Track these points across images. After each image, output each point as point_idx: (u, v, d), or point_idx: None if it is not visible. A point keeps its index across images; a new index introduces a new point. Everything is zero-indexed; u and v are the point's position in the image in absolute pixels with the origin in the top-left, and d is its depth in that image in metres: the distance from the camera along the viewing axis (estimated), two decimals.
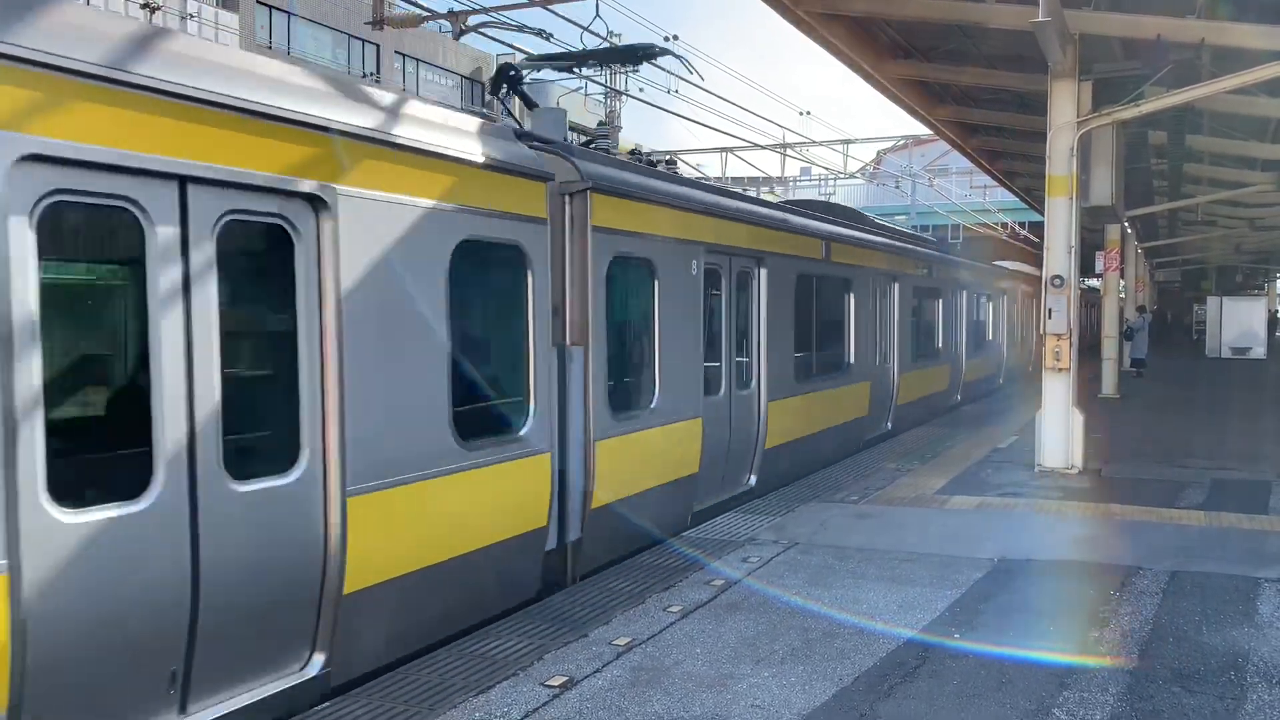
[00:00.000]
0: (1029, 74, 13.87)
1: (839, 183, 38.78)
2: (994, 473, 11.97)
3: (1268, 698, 5.26)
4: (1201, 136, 18.23)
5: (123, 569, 4.42)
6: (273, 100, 5.12)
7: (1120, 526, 9.14)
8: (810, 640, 6.11)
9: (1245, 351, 36.68)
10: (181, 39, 5.05)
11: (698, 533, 8.84)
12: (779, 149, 29.36)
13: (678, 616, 6.55)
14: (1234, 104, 14.78)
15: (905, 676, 5.55)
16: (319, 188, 5.35)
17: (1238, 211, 28.87)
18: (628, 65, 19.60)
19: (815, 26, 12.99)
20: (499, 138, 7.04)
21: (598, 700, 5.23)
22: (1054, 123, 11.99)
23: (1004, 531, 8.91)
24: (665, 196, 9.05)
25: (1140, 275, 32.68)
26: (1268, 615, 6.58)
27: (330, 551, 5.42)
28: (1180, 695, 5.29)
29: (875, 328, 15.50)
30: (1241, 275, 58.74)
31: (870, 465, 12.41)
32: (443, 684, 5.45)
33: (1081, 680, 5.50)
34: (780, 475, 11.49)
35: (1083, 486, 11.10)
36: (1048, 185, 12.11)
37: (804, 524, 9.15)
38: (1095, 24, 11.69)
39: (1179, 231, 34.17)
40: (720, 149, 30.06)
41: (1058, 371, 12.01)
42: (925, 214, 41.49)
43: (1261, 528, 9.07)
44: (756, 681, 5.48)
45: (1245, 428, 16.36)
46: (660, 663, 5.75)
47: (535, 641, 6.08)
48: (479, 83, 51.70)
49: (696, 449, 9.44)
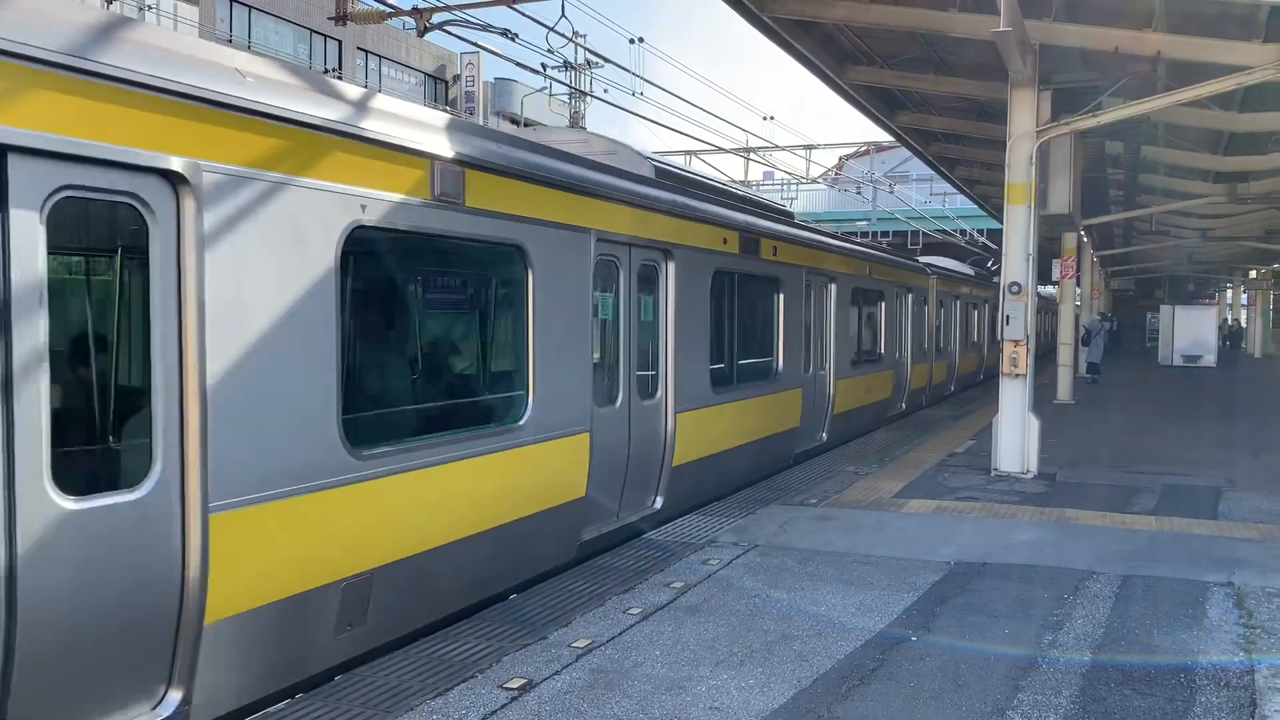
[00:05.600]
0: (989, 83, 14.05)
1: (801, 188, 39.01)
2: (950, 477, 12.09)
3: (1216, 700, 5.36)
4: (1157, 148, 18.56)
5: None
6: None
7: (1074, 531, 9.27)
8: (769, 642, 6.13)
9: (1196, 359, 37.37)
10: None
11: (658, 534, 8.84)
12: (742, 153, 29.47)
13: (637, 618, 6.54)
14: (1188, 116, 15.06)
15: (863, 679, 5.59)
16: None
17: (1190, 222, 29.44)
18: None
19: (780, 31, 13.06)
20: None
21: (556, 703, 5.21)
22: (1013, 131, 12.15)
23: (960, 535, 9.00)
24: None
25: (1096, 283, 33.17)
26: (1216, 619, 6.70)
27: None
28: (1131, 697, 5.37)
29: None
30: (1194, 285, 59.83)
31: (829, 468, 12.49)
32: (400, 686, 5.41)
33: (1036, 682, 5.56)
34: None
35: (1038, 491, 11.24)
36: (1007, 193, 12.25)
37: (764, 526, 9.18)
38: (1055, 35, 11.86)
39: (1134, 241, 34.77)
40: (685, 152, 30.12)
41: (1014, 377, 12.16)
42: (886, 219, 41.87)
43: (1210, 532, 9.23)
44: (716, 684, 5.49)
45: (1196, 434, 16.66)
46: (619, 665, 5.74)
47: (493, 644, 6.05)
48: (443, 81, 51.44)
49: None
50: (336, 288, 5.66)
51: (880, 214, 40.75)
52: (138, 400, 4.68)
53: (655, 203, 9.41)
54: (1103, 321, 29.42)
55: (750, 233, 11.65)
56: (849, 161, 46.17)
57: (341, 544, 5.69)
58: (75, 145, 4.25)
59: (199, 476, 4.77)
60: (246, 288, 5.08)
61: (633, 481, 9.05)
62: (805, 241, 13.81)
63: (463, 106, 49.12)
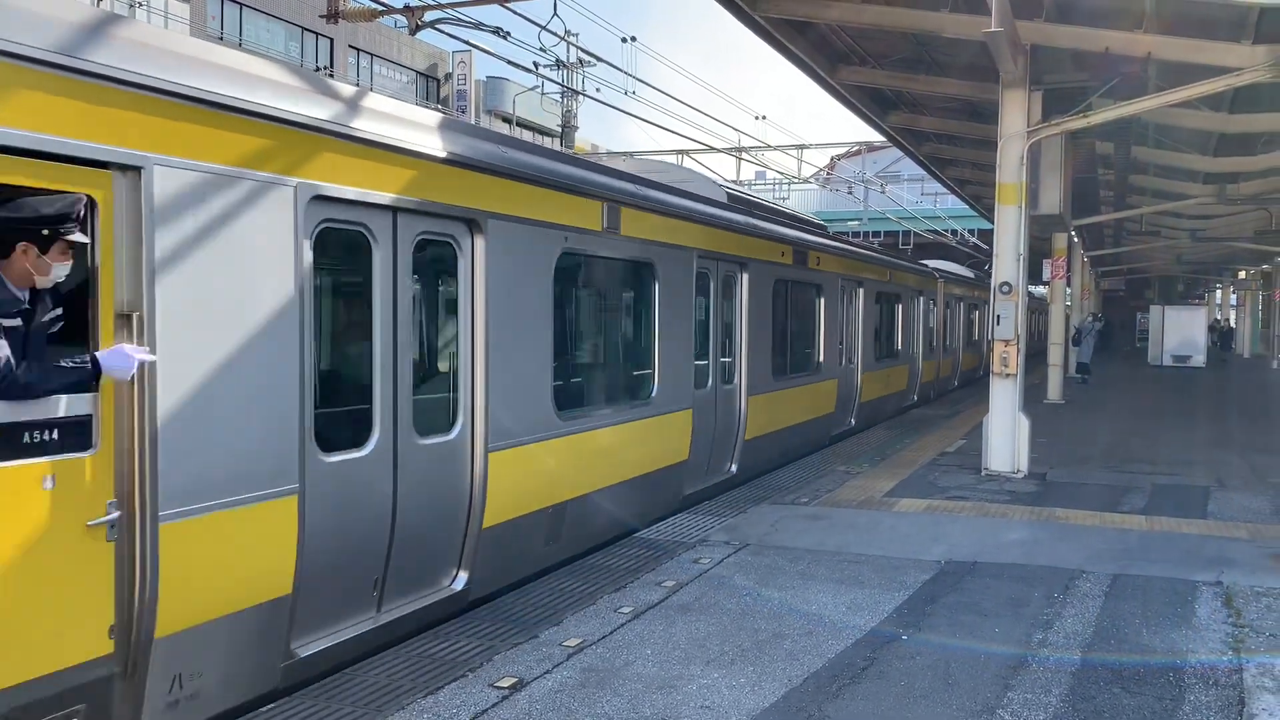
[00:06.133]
0: (981, 83, 14.07)
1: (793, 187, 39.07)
2: (941, 476, 12.12)
3: (1204, 698, 5.38)
4: (1147, 148, 18.63)
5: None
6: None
7: (1064, 530, 9.30)
8: (760, 641, 6.14)
9: (1186, 360, 37.50)
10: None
11: (649, 533, 8.84)
12: (734, 153, 29.49)
13: (629, 617, 6.54)
14: (1178, 117, 15.12)
15: (854, 677, 5.60)
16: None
17: (1180, 223, 29.56)
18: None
19: (772, 31, 13.07)
20: None
21: (547, 701, 5.21)
22: (1005, 132, 12.17)
23: (951, 534, 9.02)
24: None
25: (1086, 283, 33.29)
26: (1205, 618, 6.73)
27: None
28: (1121, 696, 5.39)
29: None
30: (1183, 285, 60.08)
31: (821, 467, 12.50)
32: (391, 685, 5.40)
33: (1026, 681, 5.58)
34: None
35: (1028, 490, 11.27)
36: (998, 193, 12.28)
37: (755, 525, 9.19)
38: (1046, 35, 11.89)
39: (1124, 241, 34.87)
40: (677, 151, 30.12)
41: (1005, 377, 12.19)
42: (877, 219, 41.94)
43: (1200, 532, 9.27)
44: (706, 682, 5.49)
45: (1185, 434, 16.73)
46: (610, 664, 5.74)
47: (485, 643, 6.04)
48: (434, 79, 51.36)
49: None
50: (552, 296, 7.68)
51: (872, 214, 40.82)
52: (453, 380, 6.79)
53: (735, 224, 11.34)
54: (1093, 322, 29.53)
55: (800, 246, 13.48)
56: (841, 161, 46.26)
57: (551, 480, 7.78)
58: (427, 205, 6.28)
59: (483, 428, 6.80)
60: (507, 298, 7.06)
61: (717, 450, 10.93)
62: (839, 252, 15.77)
63: (454, 105, 49.06)
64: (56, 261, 4.19)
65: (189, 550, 4.71)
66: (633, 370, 9.55)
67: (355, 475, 5.79)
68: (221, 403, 4.89)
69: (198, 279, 4.76)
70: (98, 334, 4.37)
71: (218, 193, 4.86)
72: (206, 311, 4.83)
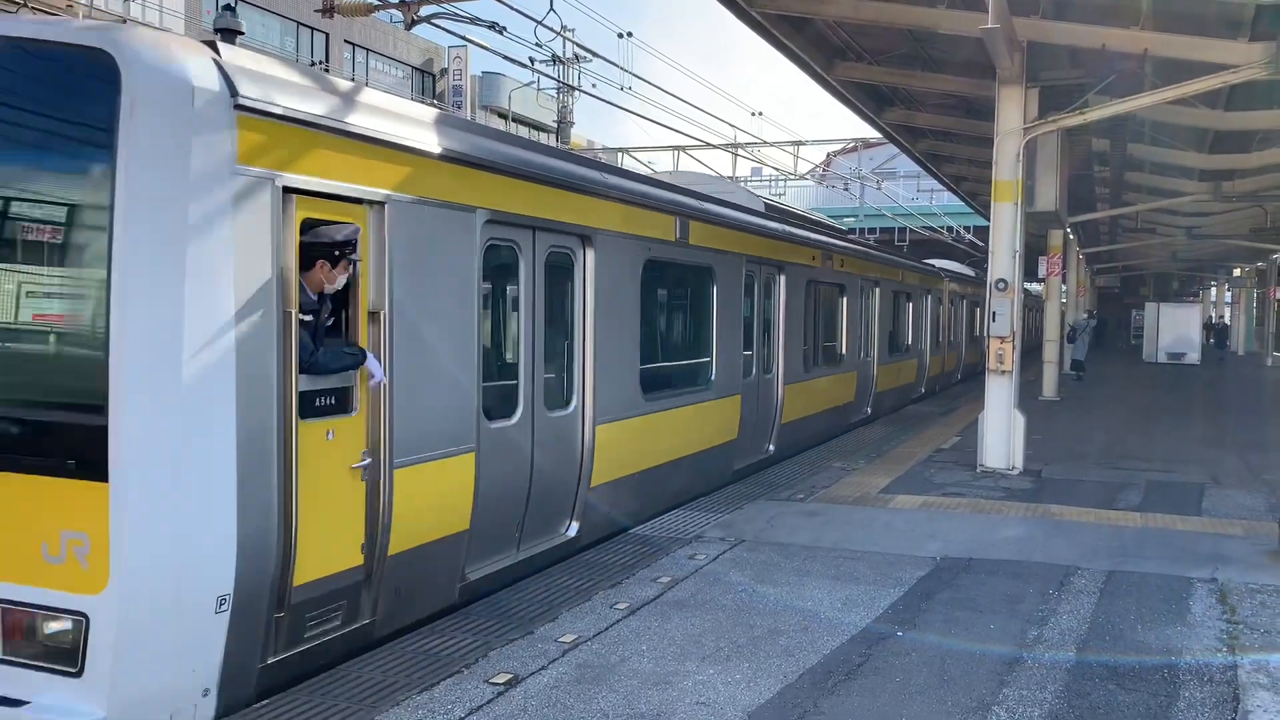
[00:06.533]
0: (977, 80, 14.07)
1: (789, 183, 39.04)
2: (937, 472, 12.12)
3: (1199, 695, 5.39)
4: (1143, 145, 18.64)
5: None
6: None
7: (1059, 526, 9.31)
8: (756, 637, 6.14)
9: (1181, 357, 37.56)
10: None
11: (646, 529, 8.84)
12: (730, 149, 29.47)
13: (624, 613, 6.54)
14: (1174, 114, 15.12)
15: (849, 673, 5.60)
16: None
17: (1175, 220, 29.60)
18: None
19: (769, 28, 13.05)
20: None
21: (543, 698, 5.20)
22: (1001, 128, 12.17)
23: (946, 531, 9.03)
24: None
25: (1081, 280, 33.31)
26: (1200, 614, 6.74)
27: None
28: (1116, 692, 5.39)
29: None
30: (1178, 282, 60.18)
31: (817, 464, 12.50)
32: (386, 681, 5.39)
33: (1021, 677, 5.59)
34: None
35: (1023, 487, 11.29)
36: (994, 190, 12.28)
37: (751, 521, 9.19)
38: (1043, 32, 11.88)
39: (1119, 238, 34.90)
40: (673, 147, 30.10)
41: (1000, 374, 12.19)
42: (873, 216, 41.93)
43: (1194, 529, 9.29)
44: (702, 679, 5.49)
45: (1180, 431, 16.76)
46: (606, 660, 5.74)
47: (480, 639, 6.03)
48: (430, 74, 51.24)
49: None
50: (639, 297, 8.98)
51: (867, 210, 40.80)
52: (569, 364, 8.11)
53: (775, 232, 12.76)
54: (1087, 319, 29.57)
55: (827, 250, 14.85)
56: (836, 158, 46.21)
57: (638, 450, 9.05)
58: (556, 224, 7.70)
59: (591, 405, 8.18)
60: (608, 299, 8.41)
61: (758, 431, 12.20)
62: (859, 254, 17.06)
63: (450, 100, 48.96)
64: (340, 274, 5.55)
65: (410, 491, 6.04)
66: (697, 359, 10.81)
67: (507, 439, 7.22)
68: (430, 380, 6.30)
69: (415, 286, 6.11)
70: (357, 328, 5.77)
71: (428, 219, 6.23)
72: (420, 311, 6.18)
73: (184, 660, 4.76)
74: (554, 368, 7.95)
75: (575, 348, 8.14)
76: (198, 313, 4.73)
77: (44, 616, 4.61)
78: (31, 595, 4.60)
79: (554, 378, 7.95)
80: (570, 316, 8.12)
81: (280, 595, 5.20)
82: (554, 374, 7.95)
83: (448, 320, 6.44)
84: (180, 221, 4.69)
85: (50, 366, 5.03)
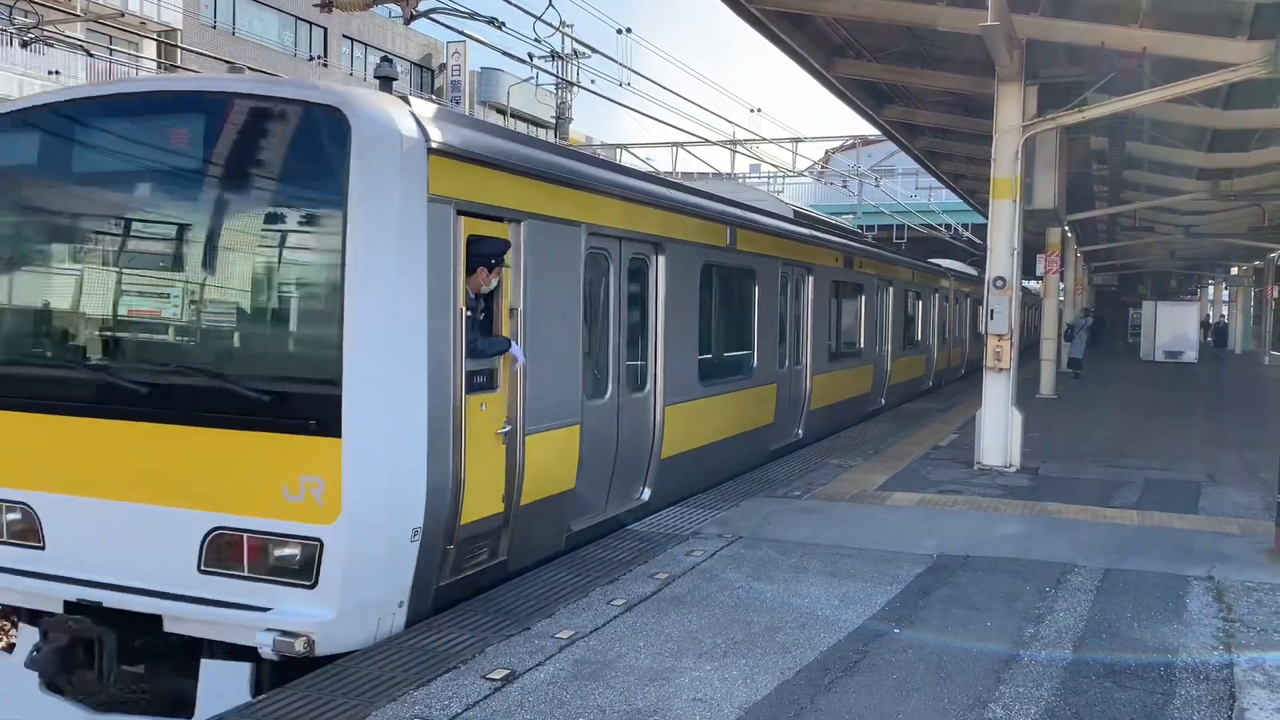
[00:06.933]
0: (976, 77, 14.06)
1: (787, 180, 39.03)
2: (934, 470, 12.13)
3: (1195, 693, 5.39)
4: (1141, 144, 18.64)
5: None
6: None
7: (1056, 524, 9.31)
8: (753, 634, 6.14)
9: (1178, 355, 37.55)
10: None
11: (643, 526, 8.84)
12: (729, 145, 29.45)
13: (621, 610, 6.54)
14: (1173, 112, 15.12)
15: (846, 670, 5.60)
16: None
17: (1173, 218, 29.62)
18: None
19: (768, 24, 13.04)
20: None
21: (539, 693, 5.20)
22: (1000, 126, 12.15)
23: (943, 528, 9.03)
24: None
25: (1079, 278, 33.32)
26: (1196, 612, 6.74)
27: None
28: (1112, 690, 5.40)
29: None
30: (1176, 281, 60.21)
31: (814, 461, 12.51)
32: (383, 677, 5.39)
33: (1017, 674, 5.59)
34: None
35: (1020, 485, 11.29)
36: (992, 188, 12.26)
37: (748, 518, 9.19)
38: (1042, 29, 11.87)
39: (1117, 236, 34.90)
40: (671, 144, 30.06)
41: (998, 371, 12.19)
42: (871, 213, 41.94)
43: (1191, 527, 9.30)
44: (699, 675, 5.49)
45: (1177, 430, 16.77)
46: (603, 656, 5.74)
47: (477, 634, 6.03)
48: (429, 69, 51.14)
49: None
50: (698, 296, 10.25)
51: (866, 208, 40.81)
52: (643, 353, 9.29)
53: (805, 238, 14.01)
54: (1085, 317, 29.58)
55: (849, 252, 16.21)
56: (835, 155, 46.20)
57: (696, 429, 10.20)
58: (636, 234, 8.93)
59: (662, 389, 9.41)
60: (675, 298, 9.63)
61: (790, 417, 13.36)
62: (875, 256, 18.28)
63: (449, 95, 48.87)
64: (494, 278, 6.79)
65: (536, 454, 7.28)
66: (741, 351, 11.93)
67: (601, 415, 8.47)
68: (550, 364, 7.52)
69: (540, 287, 7.34)
70: (500, 322, 7.02)
71: (549, 233, 7.48)
72: (544, 308, 7.41)
73: (389, 577, 6.02)
74: (633, 355, 9.13)
75: (649, 339, 9.38)
76: (403, 310, 6.00)
77: (284, 543, 5.83)
78: (273, 526, 5.84)
79: (633, 364, 9.16)
80: (645, 312, 9.34)
81: (450, 531, 6.45)
82: (633, 361, 9.15)
83: (561, 315, 7.72)
84: (392, 239, 5.94)
85: (297, 352, 6.35)
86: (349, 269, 5.80)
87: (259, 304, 6.43)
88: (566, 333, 7.77)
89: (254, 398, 5.87)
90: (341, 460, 5.73)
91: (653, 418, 9.39)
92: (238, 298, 6.43)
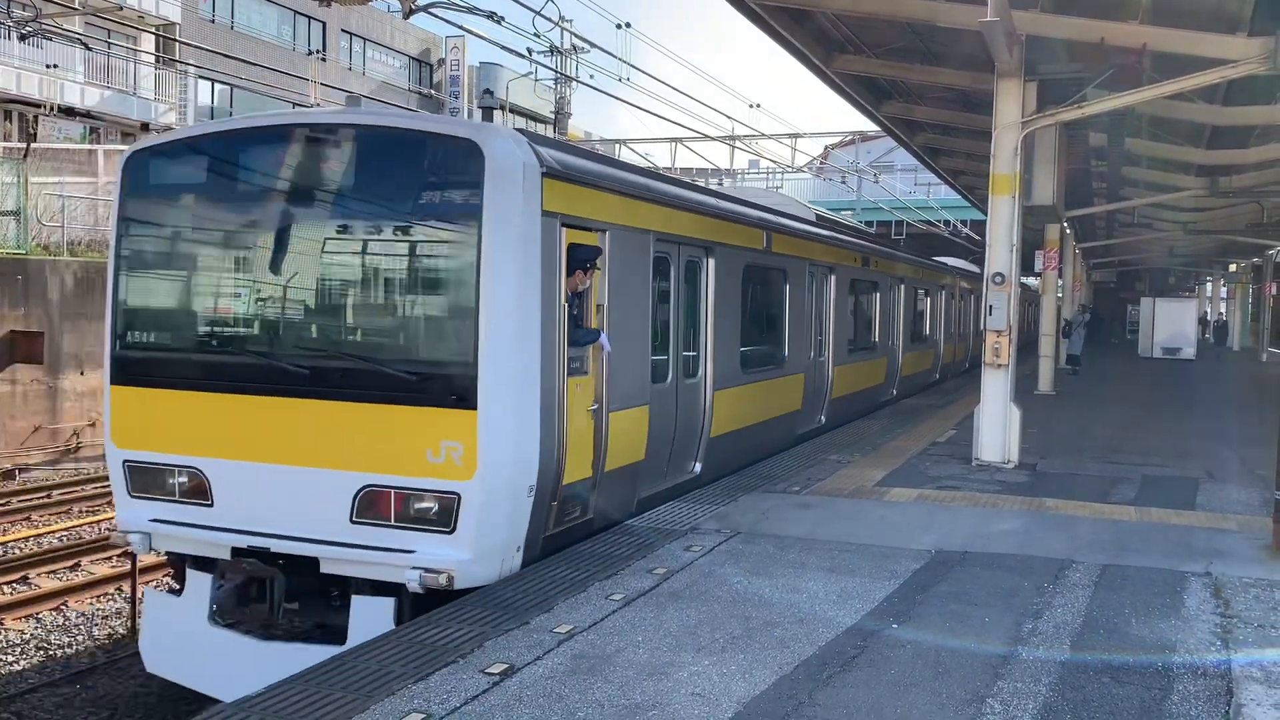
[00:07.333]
0: (976, 73, 14.06)
1: (786, 176, 39.01)
2: (932, 466, 12.14)
3: (1193, 688, 5.40)
4: (1140, 140, 18.62)
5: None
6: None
7: (1054, 520, 9.32)
8: (751, 629, 6.14)
9: (1176, 352, 37.59)
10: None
11: (641, 520, 8.84)
12: (728, 141, 29.44)
13: (620, 604, 6.54)
14: (1172, 109, 15.11)
15: (844, 665, 5.61)
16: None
17: (1172, 215, 29.59)
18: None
19: (768, 19, 13.03)
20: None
21: (538, 688, 5.21)
22: (999, 122, 12.14)
23: (941, 524, 9.04)
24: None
25: (1078, 275, 33.34)
26: (1194, 608, 6.75)
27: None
28: (1110, 685, 5.41)
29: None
30: (1174, 277, 60.21)
31: (812, 456, 12.51)
32: (381, 671, 5.40)
33: (1015, 670, 5.60)
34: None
35: (1018, 480, 11.30)
36: (991, 184, 12.25)
37: (746, 513, 9.20)
38: (1042, 25, 11.86)
39: (1116, 233, 34.92)
40: (670, 139, 30.05)
41: (996, 367, 12.20)
42: (870, 209, 41.92)
43: (1189, 523, 9.31)
44: (697, 669, 5.50)
45: (1175, 426, 16.79)
46: (601, 650, 5.74)
47: (476, 629, 6.03)
48: (427, 64, 51.04)
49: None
50: (740, 293, 11.35)
51: (865, 203, 40.80)
52: (698, 344, 10.35)
53: (827, 239, 15.17)
54: (1083, 314, 29.59)
55: (865, 253, 17.29)
56: (834, 151, 46.16)
57: (739, 412, 11.27)
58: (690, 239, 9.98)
59: (711, 375, 10.46)
60: (722, 295, 10.65)
61: (814, 405, 14.52)
62: (889, 255, 19.41)
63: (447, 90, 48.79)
64: (588, 279, 7.92)
65: (616, 429, 8.45)
66: (774, 344, 12.98)
67: (664, 397, 9.53)
68: (626, 352, 8.64)
69: (620, 286, 8.47)
70: (590, 316, 8.08)
71: (626, 240, 8.61)
72: (622, 304, 8.53)
73: (511, 525, 7.16)
74: (688, 346, 10.18)
75: (700, 331, 10.42)
76: (524, 306, 7.11)
77: (426, 496, 6.93)
78: (417, 483, 6.94)
79: (688, 354, 10.20)
80: (697, 308, 10.38)
81: (555, 490, 7.55)
82: (688, 351, 10.19)
83: (635, 310, 8.82)
84: (516, 248, 7.06)
85: (440, 340, 7.43)
86: (483, 273, 6.92)
87: (408, 302, 7.71)
88: (638, 325, 8.93)
89: (404, 378, 7.04)
90: (477, 428, 6.85)
91: (703, 401, 10.44)
92: (390, 297, 7.73)
